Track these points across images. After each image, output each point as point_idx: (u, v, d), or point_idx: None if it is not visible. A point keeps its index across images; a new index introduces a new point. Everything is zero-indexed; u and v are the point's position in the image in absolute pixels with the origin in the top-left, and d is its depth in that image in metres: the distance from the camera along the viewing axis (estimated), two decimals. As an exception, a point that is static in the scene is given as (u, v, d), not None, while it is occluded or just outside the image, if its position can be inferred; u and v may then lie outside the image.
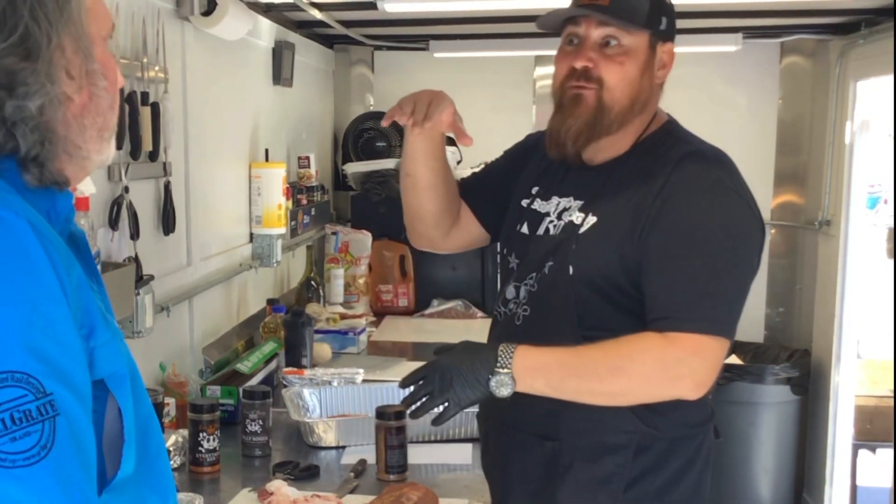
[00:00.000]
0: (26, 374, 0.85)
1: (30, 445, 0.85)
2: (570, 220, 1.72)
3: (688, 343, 1.58)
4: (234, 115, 3.12)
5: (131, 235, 2.22)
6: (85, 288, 0.96)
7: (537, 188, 1.84)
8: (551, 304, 1.72)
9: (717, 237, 1.62)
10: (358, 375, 2.63)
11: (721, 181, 1.65)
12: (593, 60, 1.68)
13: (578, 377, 1.61)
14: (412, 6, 3.38)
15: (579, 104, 1.70)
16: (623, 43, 1.68)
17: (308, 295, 3.66)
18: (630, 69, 1.69)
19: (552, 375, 1.61)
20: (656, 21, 1.70)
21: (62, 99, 0.96)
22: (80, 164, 1.02)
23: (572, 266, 1.68)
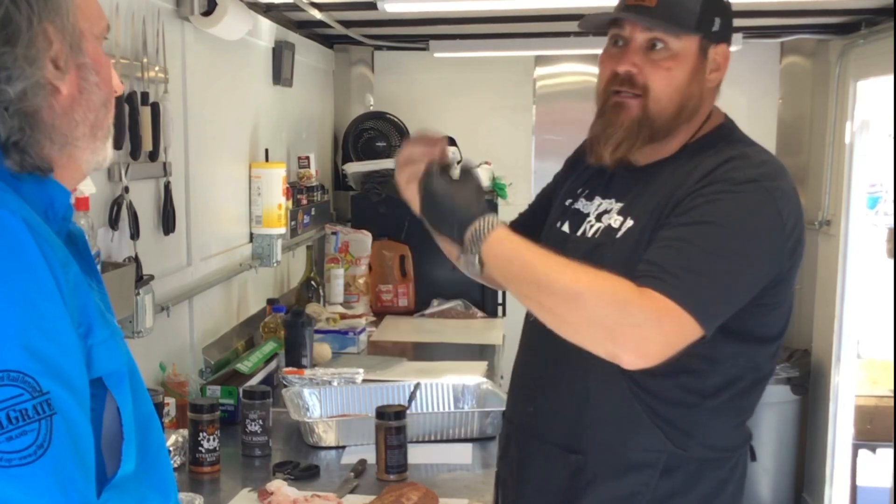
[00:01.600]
0: (22, 372, 0.85)
1: (26, 444, 0.85)
2: (609, 224, 1.65)
3: (656, 302, 1.44)
4: (234, 115, 3.12)
5: (131, 235, 2.22)
6: (82, 286, 0.95)
7: (583, 188, 1.76)
8: None
9: (728, 225, 1.51)
10: (358, 375, 2.63)
11: (755, 180, 1.54)
12: (638, 66, 1.59)
13: (535, 285, 1.49)
14: (412, 6, 3.38)
15: (621, 112, 1.61)
16: (671, 47, 1.58)
17: (308, 295, 3.66)
18: (678, 75, 1.59)
19: (511, 268, 1.51)
20: (708, 23, 1.59)
21: (46, 86, 0.96)
22: (69, 156, 1.01)
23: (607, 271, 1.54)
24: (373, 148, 4.37)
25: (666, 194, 1.58)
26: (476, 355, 3.28)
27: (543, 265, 1.49)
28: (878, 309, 4.29)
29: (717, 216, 1.51)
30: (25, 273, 0.88)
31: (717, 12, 1.61)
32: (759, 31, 4.29)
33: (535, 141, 4.86)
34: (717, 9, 1.61)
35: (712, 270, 1.49)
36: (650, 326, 1.44)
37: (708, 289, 1.48)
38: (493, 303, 4.05)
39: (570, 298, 1.46)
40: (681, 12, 1.58)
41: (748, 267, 1.52)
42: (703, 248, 1.49)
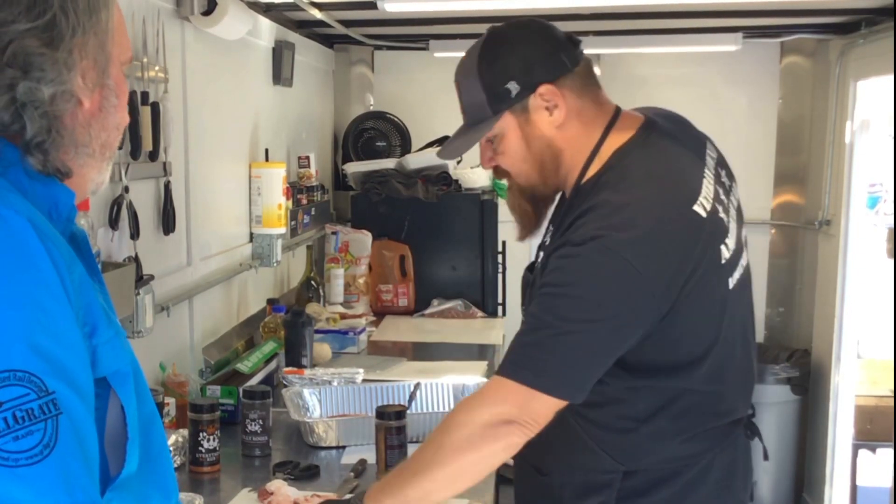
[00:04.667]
0: (28, 372, 0.85)
1: (32, 444, 0.85)
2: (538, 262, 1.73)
3: (500, 390, 1.54)
4: (234, 115, 3.12)
5: (131, 235, 2.22)
6: (87, 286, 0.96)
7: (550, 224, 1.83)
8: None
9: (572, 295, 1.54)
10: (358, 375, 2.63)
11: (595, 237, 1.52)
12: (492, 159, 1.73)
13: (413, 479, 1.56)
14: (412, 6, 3.38)
15: (511, 192, 1.79)
16: (497, 134, 1.68)
17: (308, 295, 3.66)
18: (514, 149, 1.68)
19: (392, 489, 1.56)
20: (502, 95, 1.64)
21: (73, 96, 0.98)
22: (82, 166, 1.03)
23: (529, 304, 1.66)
24: (373, 148, 4.37)
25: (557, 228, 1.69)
26: (476, 355, 3.28)
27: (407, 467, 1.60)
28: (878, 309, 4.29)
29: (563, 285, 1.55)
30: (31, 273, 0.89)
31: (503, 79, 1.64)
32: (759, 31, 4.29)
33: (535, 141, 4.85)
34: (502, 76, 1.64)
35: (556, 346, 1.53)
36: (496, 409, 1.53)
37: (549, 357, 1.53)
38: (493, 303, 4.05)
39: (437, 462, 1.56)
40: (475, 111, 1.69)
41: (601, 329, 1.53)
42: (549, 324, 1.53)
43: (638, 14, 3.87)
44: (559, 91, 1.63)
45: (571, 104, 1.64)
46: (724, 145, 1.81)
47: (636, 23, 4.04)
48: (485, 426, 1.53)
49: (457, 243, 4.04)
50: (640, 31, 4.26)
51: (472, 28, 4.23)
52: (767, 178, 4.63)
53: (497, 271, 4.09)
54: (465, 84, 1.71)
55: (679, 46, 4.31)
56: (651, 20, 3.98)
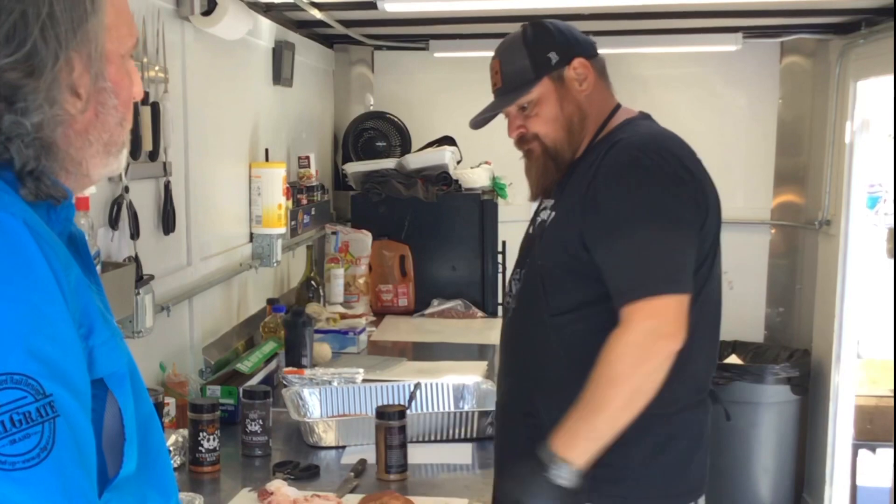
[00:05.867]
0: (25, 375, 0.85)
1: (30, 447, 0.84)
2: (542, 219, 1.96)
3: (636, 314, 1.73)
4: (234, 115, 3.12)
5: (131, 235, 2.22)
6: (83, 287, 0.95)
7: (543, 202, 2.04)
8: (528, 295, 1.94)
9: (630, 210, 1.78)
10: (358, 375, 2.63)
11: (636, 159, 1.81)
12: (522, 125, 1.96)
13: (598, 415, 1.73)
14: (412, 6, 3.38)
15: (531, 158, 1.99)
16: (532, 99, 1.93)
17: (308, 295, 3.66)
18: (549, 111, 1.92)
19: (581, 432, 1.74)
20: (544, 63, 1.91)
21: (64, 117, 0.96)
22: (80, 181, 1.02)
23: (540, 258, 1.91)
24: (373, 148, 4.37)
25: (580, 187, 1.87)
26: (476, 355, 3.28)
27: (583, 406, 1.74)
28: (878, 309, 4.29)
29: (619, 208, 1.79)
30: (27, 275, 0.88)
31: (546, 49, 1.92)
32: (759, 31, 4.29)
33: (535, 141, 4.85)
34: (545, 46, 1.93)
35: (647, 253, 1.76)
36: (647, 329, 1.73)
37: (655, 267, 1.76)
38: (493, 303, 4.05)
39: (613, 388, 1.73)
40: (517, 77, 1.94)
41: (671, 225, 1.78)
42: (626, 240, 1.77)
43: (638, 14, 3.87)
44: (590, 67, 1.93)
45: (595, 80, 1.94)
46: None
47: (636, 23, 4.04)
48: (640, 348, 1.72)
49: (457, 243, 4.04)
50: (640, 31, 4.26)
51: (472, 28, 4.24)
52: (767, 178, 4.63)
53: (497, 271, 4.09)
54: (508, 55, 1.96)
55: (679, 46, 4.31)
56: (651, 20, 3.98)
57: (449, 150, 4.10)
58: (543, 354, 1.91)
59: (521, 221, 5.21)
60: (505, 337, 2.05)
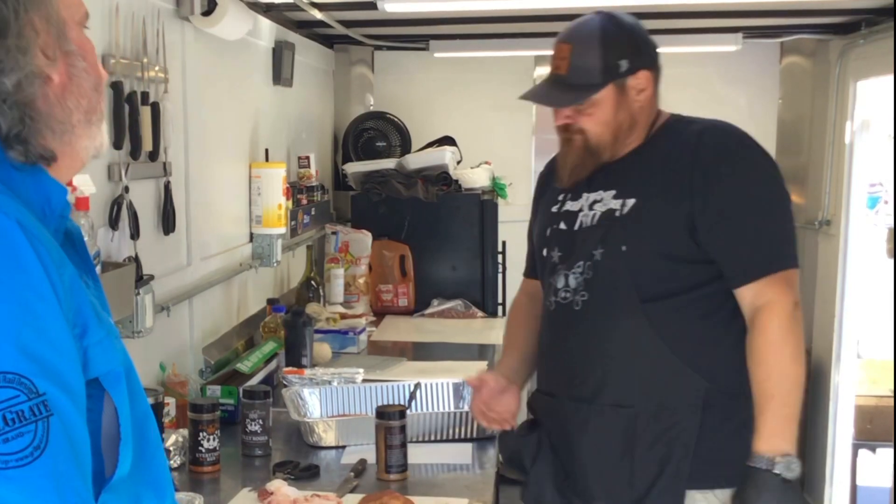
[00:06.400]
0: (18, 374, 0.85)
1: (23, 446, 0.84)
2: (608, 209, 1.92)
3: (777, 286, 1.80)
4: (234, 115, 3.12)
5: (131, 235, 2.22)
6: (78, 286, 0.95)
7: (564, 194, 2.02)
8: (610, 285, 1.89)
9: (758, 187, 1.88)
10: (358, 375, 2.63)
11: (742, 139, 1.90)
12: (570, 117, 1.92)
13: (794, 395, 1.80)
14: (412, 6, 3.38)
15: (570, 145, 1.95)
16: (591, 98, 1.89)
17: (308, 295, 3.66)
18: (603, 115, 1.90)
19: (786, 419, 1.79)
20: (613, 69, 1.88)
21: (39, 75, 0.97)
22: (68, 143, 1.02)
23: (625, 245, 1.87)
24: (373, 148, 4.37)
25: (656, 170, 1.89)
26: (476, 355, 3.28)
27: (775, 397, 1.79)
28: (878, 309, 4.29)
29: (753, 187, 1.87)
30: (20, 275, 0.88)
31: (620, 56, 1.89)
32: (759, 31, 4.29)
33: (535, 141, 4.86)
34: (620, 52, 1.89)
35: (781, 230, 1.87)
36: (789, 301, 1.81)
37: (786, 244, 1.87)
38: (493, 303, 4.06)
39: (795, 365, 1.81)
40: (583, 74, 1.89)
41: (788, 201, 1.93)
42: (762, 219, 1.86)
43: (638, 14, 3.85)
44: (651, 80, 1.92)
45: (652, 93, 1.94)
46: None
47: (636, 23, 4.04)
48: (795, 320, 1.81)
49: (457, 243, 4.04)
50: (640, 31, 4.25)
51: (472, 28, 4.24)
52: (767, 178, 4.62)
53: (497, 271, 4.09)
54: (582, 48, 1.89)
55: (679, 46, 4.31)
56: (651, 20, 3.97)
57: (449, 150, 4.10)
58: (637, 343, 1.88)
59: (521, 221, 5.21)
60: (574, 330, 1.96)
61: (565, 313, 1.95)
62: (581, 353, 1.95)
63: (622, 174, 1.93)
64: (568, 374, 1.98)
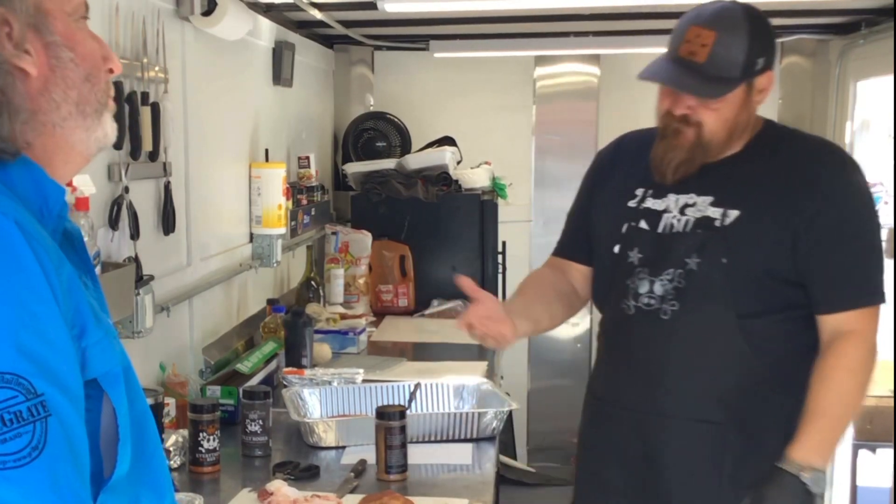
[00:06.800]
0: (16, 374, 0.85)
1: (21, 446, 0.84)
2: (705, 216, 1.84)
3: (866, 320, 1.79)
4: (234, 115, 3.12)
5: (131, 235, 2.22)
6: (76, 287, 0.95)
7: (644, 189, 1.93)
8: (705, 296, 1.82)
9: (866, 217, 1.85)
10: (358, 375, 2.63)
11: (856, 163, 1.89)
12: (691, 108, 1.80)
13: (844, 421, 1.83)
14: (412, 6, 3.38)
15: (679, 137, 1.83)
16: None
17: (308, 295, 3.66)
18: (727, 113, 1.80)
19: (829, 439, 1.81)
20: (752, 66, 1.78)
21: (9, 69, 0.95)
22: (60, 137, 1.01)
23: (726, 258, 1.80)
24: (373, 148, 4.37)
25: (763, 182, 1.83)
26: (476, 355, 3.27)
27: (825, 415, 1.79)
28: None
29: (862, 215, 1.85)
30: (18, 275, 0.88)
31: (760, 53, 1.78)
32: (759, 31, 4.28)
33: (535, 141, 4.86)
34: (761, 49, 1.78)
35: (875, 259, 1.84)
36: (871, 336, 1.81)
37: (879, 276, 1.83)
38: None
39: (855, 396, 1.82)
40: (724, 67, 1.76)
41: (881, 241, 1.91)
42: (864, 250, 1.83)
43: (638, 14, 3.87)
44: (772, 80, 1.84)
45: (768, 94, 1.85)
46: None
47: (636, 23, 4.04)
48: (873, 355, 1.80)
49: (457, 243, 4.04)
50: (640, 32, 4.26)
51: (472, 28, 4.24)
52: (767, 178, 4.63)
53: (497, 271, 4.09)
54: (729, 39, 1.76)
55: (679, 46, 4.31)
56: (651, 20, 3.98)
57: (449, 150, 4.10)
58: (729, 359, 1.83)
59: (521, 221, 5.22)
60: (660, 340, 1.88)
61: (649, 321, 1.87)
62: (668, 366, 1.87)
63: (720, 180, 1.85)
64: (650, 386, 1.89)
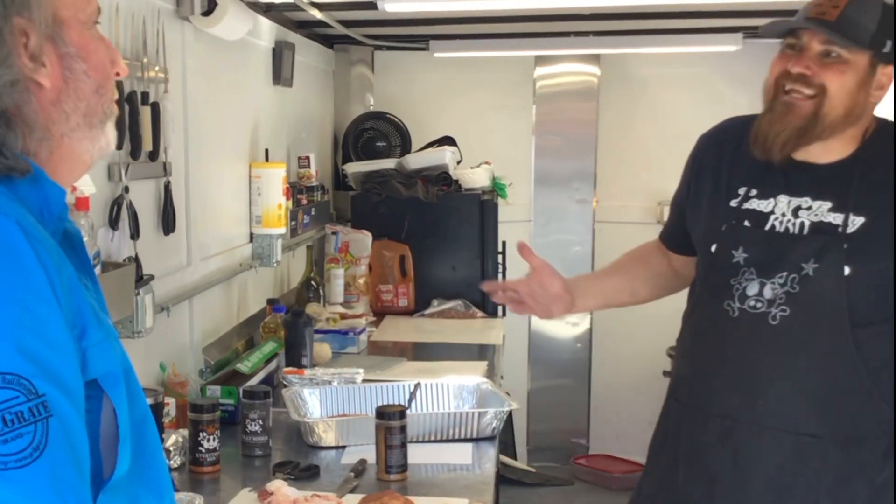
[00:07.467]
0: (17, 375, 0.85)
1: (22, 447, 0.84)
2: (823, 221, 1.75)
3: None
4: (234, 115, 3.12)
5: (131, 235, 2.22)
6: (77, 288, 0.95)
7: (746, 188, 1.85)
8: (820, 304, 1.74)
9: None
10: (358, 375, 2.63)
11: None
12: (812, 69, 1.72)
13: None
14: (412, 6, 3.38)
15: (791, 111, 1.73)
16: (844, 57, 1.71)
17: (308, 295, 3.66)
18: (849, 80, 1.71)
19: None
20: (880, 42, 1.72)
21: (23, 83, 0.95)
22: (67, 148, 1.00)
23: (849, 266, 1.72)
24: (373, 148, 4.37)
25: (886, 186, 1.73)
26: (476, 355, 3.28)
27: None
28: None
29: None
30: (19, 275, 0.88)
31: (890, 35, 1.72)
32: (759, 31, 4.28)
33: (535, 141, 4.86)
34: (890, 31, 1.72)
35: None
36: None
37: None
38: (493, 303, 4.05)
39: None
40: (857, 29, 1.69)
41: None
42: None
43: (638, 14, 3.87)
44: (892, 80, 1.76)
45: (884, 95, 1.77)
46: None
47: (636, 23, 4.04)
48: None
49: (457, 243, 4.04)
50: (640, 31, 4.26)
51: (472, 28, 4.24)
52: (767, 178, 4.62)
53: (497, 271, 4.09)
54: (862, 4, 1.71)
55: (679, 47, 4.31)
56: (651, 20, 3.98)
57: (449, 150, 4.10)
58: (837, 369, 1.75)
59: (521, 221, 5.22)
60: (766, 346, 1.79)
61: (755, 325, 1.78)
62: (771, 373, 1.78)
63: (838, 184, 1.76)
64: (748, 393, 1.80)
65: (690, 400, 1.91)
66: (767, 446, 1.79)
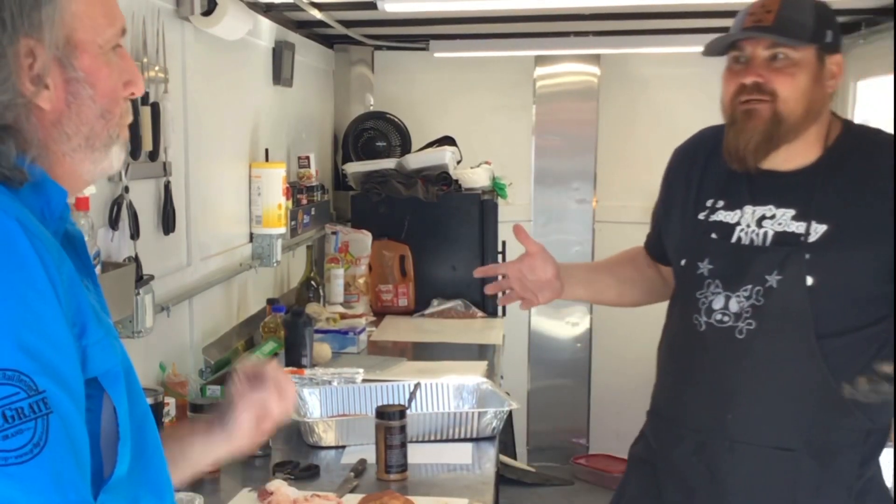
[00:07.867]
0: (18, 371, 0.85)
1: (23, 443, 0.85)
2: (787, 231, 1.74)
3: None
4: (234, 115, 3.13)
5: (131, 235, 2.22)
6: (77, 286, 0.95)
7: (714, 200, 1.85)
8: (785, 317, 1.73)
9: None
10: (358, 375, 2.63)
11: None
12: (763, 75, 1.73)
13: None
14: (412, 6, 3.38)
15: (753, 118, 1.74)
16: (791, 56, 1.72)
17: (308, 295, 3.66)
18: (801, 80, 1.72)
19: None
20: (821, 35, 1.73)
21: (21, 104, 0.94)
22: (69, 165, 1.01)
23: (812, 277, 1.70)
24: (373, 148, 4.37)
25: (852, 193, 1.72)
26: (476, 355, 3.28)
27: None
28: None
29: None
30: (20, 273, 0.88)
31: (827, 25, 1.75)
32: (759, 31, 4.28)
33: (534, 141, 4.86)
34: (828, 22, 1.75)
35: None
36: None
37: None
38: (493, 303, 4.05)
39: None
40: (796, 27, 1.71)
41: None
42: None
43: (638, 14, 3.87)
44: (842, 69, 1.77)
45: (837, 85, 1.79)
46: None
47: (636, 23, 4.04)
48: None
49: (457, 243, 4.04)
50: (640, 32, 4.26)
51: (472, 28, 4.24)
52: (767, 178, 4.63)
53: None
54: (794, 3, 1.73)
55: (679, 47, 4.31)
56: (651, 20, 3.98)
57: (449, 150, 4.10)
58: (807, 381, 1.73)
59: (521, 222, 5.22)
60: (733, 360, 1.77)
61: (722, 339, 1.77)
62: (740, 388, 1.77)
63: (802, 190, 1.75)
64: (719, 408, 1.79)
65: (667, 413, 1.91)
66: (741, 460, 1.78)
